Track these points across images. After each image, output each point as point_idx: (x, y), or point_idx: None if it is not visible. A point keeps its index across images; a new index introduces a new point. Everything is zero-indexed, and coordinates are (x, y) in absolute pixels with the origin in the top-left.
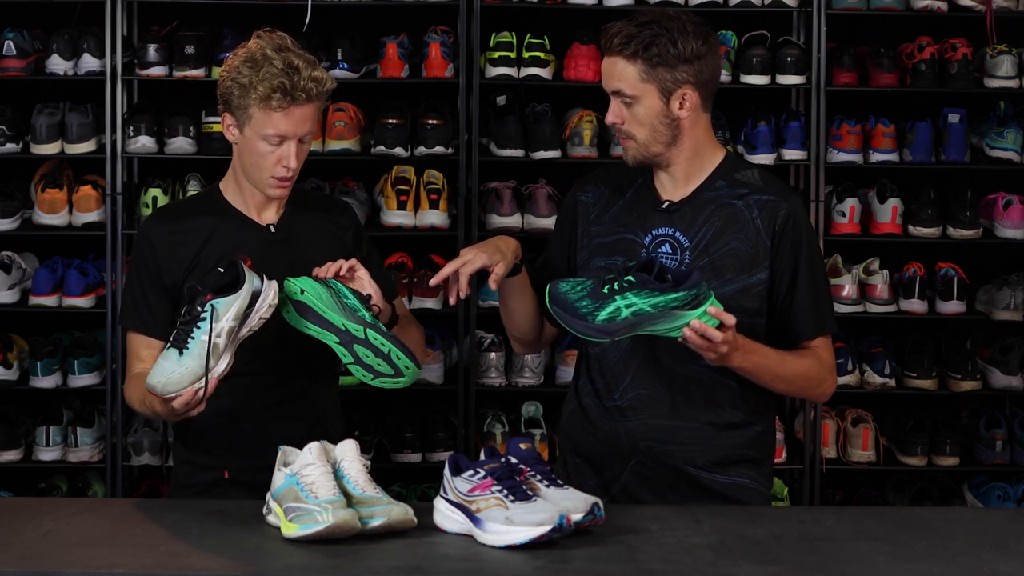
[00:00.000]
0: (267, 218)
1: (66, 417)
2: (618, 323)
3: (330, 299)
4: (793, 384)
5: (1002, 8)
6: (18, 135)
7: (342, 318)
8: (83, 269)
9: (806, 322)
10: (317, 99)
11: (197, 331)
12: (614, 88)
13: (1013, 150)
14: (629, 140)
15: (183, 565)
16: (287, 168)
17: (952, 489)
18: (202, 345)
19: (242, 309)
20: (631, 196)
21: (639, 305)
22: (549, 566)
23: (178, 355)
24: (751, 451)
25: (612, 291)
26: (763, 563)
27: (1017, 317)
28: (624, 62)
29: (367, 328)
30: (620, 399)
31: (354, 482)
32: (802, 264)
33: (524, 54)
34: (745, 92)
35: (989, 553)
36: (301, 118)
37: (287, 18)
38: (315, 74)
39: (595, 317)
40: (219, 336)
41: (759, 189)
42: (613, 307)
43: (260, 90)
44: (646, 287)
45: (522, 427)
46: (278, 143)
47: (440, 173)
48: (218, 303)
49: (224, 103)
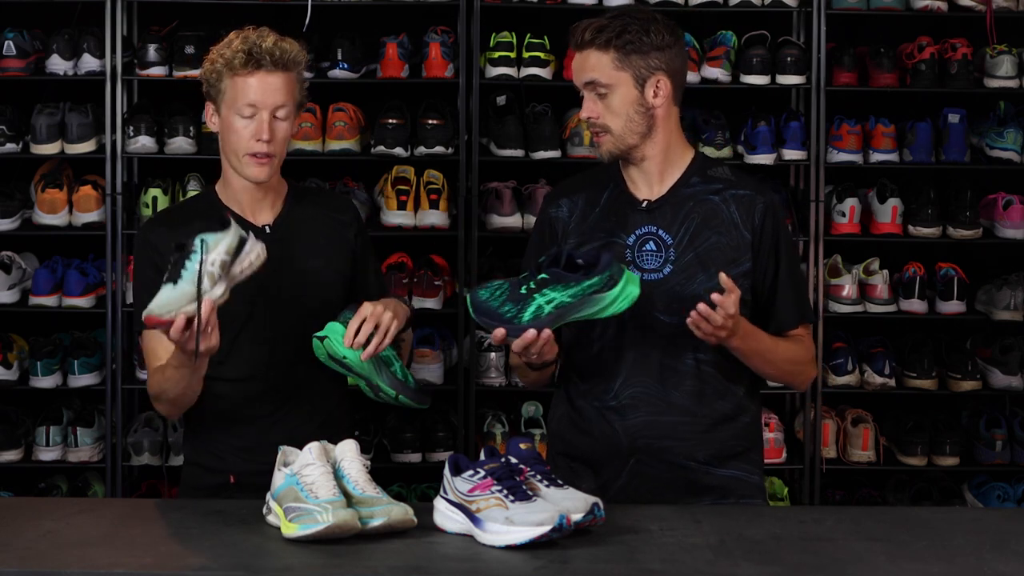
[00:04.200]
0: (263, 218)
1: (66, 417)
2: (543, 319)
3: (371, 367)
4: (781, 369)
5: (1002, 8)
6: (18, 135)
7: (379, 380)
8: (83, 269)
9: (790, 311)
10: (285, 69)
11: (189, 263)
12: (588, 79)
13: (1013, 150)
14: (605, 134)
15: (183, 565)
16: (262, 142)
17: (952, 489)
18: (194, 272)
19: (232, 246)
20: (607, 201)
21: (559, 298)
22: (549, 566)
23: (172, 285)
24: (743, 442)
25: (530, 290)
26: (763, 563)
27: (1017, 317)
28: (597, 52)
29: (399, 395)
30: (615, 398)
31: (354, 482)
32: (782, 255)
33: (524, 54)
34: (745, 92)
35: (989, 553)
36: (270, 87)
37: (287, 18)
38: (283, 44)
39: (520, 319)
40: (212, 265)
41: (733, 184)
42: (535, 306)
43: (227, 56)
44: (560, 281)
45: (522, 427)
46: (251, 115)
47: (440, 173)
48: (208, 237)
49: (206, 94)
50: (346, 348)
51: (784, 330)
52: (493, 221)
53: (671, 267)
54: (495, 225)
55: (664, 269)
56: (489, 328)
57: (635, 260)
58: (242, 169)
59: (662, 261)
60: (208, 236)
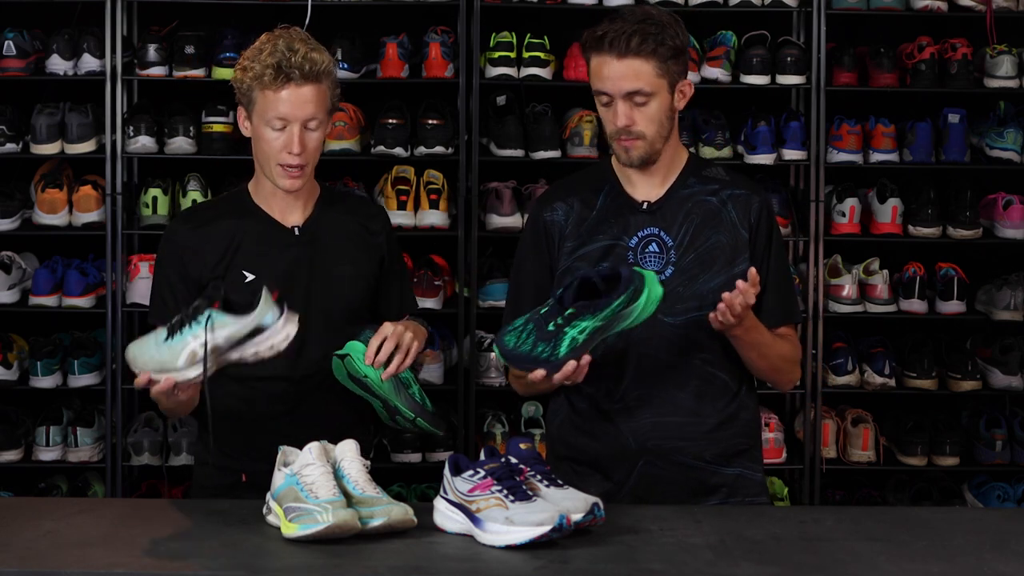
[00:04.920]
0: (292, 220)
1: (66, 417)
2: (579, 348)
3: (391, 387)
4: (773, 364)
5: (1002, 8)
6: (18, 135)
7: (398, 401)
8: (83, 269)
9: (778, 310)
10: (315, 80)
11: (188, 330)
12: (632, 89)
13: (1013, 150)
14: (637, 140)
15: (183, 565)
16: (292, 155)
17: (952, 489)
18: (184, 345)
19: (236, 337)
20: (603, 203)
21: (590, 326)
22: (549, 566)
23: (162, 340)
24: (746, 440)
25: (559, 327)
26: (763, 563)
27: (1017, 317)
28: (640, 61)
29: (418, 417)
30: (621, 401)
31: (354, 482)
32: (773, 254)
33: (524, 54)
34: (745, 92)
35: (989, 553)
36: (300, 99)
37: (287, 18)
38: (312, 55)
39: (556, 355)
40: (203, 347)
41: (728, 184)
42: (568, 339)
43: (257, 69)
44: (588, 311)
45: (522, 427)
46: (281, 127)
47: (440, 173)
48: (217, 317)
49: (238, 95)
50: (367, 367)
51: (772, 328)
52: (493, 221)
53: (672, 268)
54: (495, 225)
55: (666, 271)
56: (527, 371)
57: (638, 262)
58: (274, 179)
59: (664, 263)
60: (219, 316)
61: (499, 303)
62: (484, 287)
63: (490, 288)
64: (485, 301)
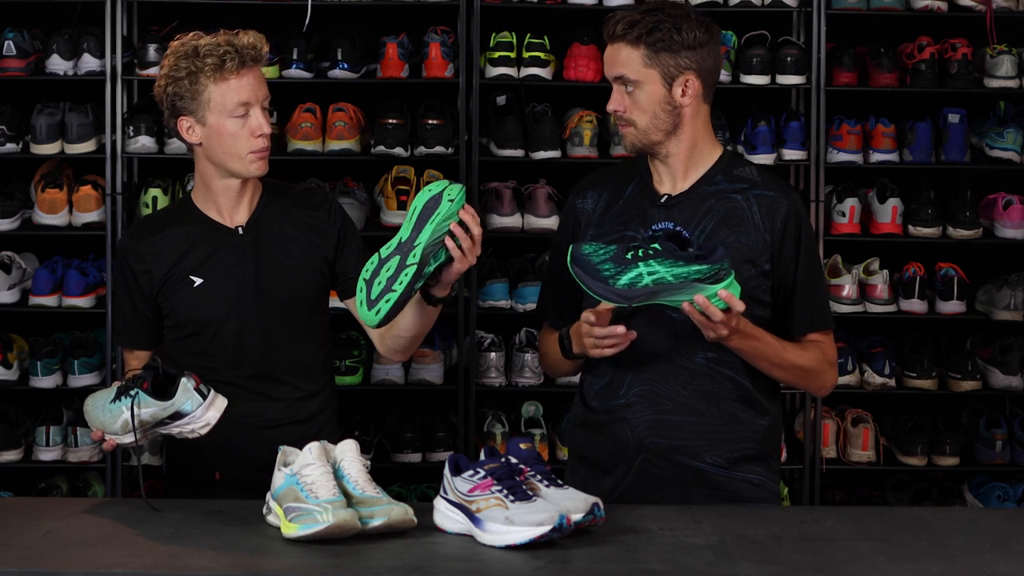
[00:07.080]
0: (237, 220)
1: (66, 417)
2: (638, 289)
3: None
4: (790, 373)
5: (1002, 8)
6: (18, 135)
7: (424, 237)
8: (83, 269)
9: (809, 317)
10: (260, 62)
11: (125, 399)
12: (617, 74)
13: (1013, 150)
14: (628, 127)
15: (183, 565)
16: (263, 136)
17: (952, 489)
18: (120, 413)
19: (159, 417)
20: (631, 194)
21: (661, 273)
22: (549, 566)
23: (109, 401)
24: (759, 446)
25: (636, 257)
26: (763, 563)
27: (1017, 317)
28: (628, 48)
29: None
30: (623, 396)
31: (354, 482)
32: (803, 260)
33: (524, 54)
34: (745, 92)
35: (989, 553)
36: (257, 81)
37: (287, 18)
38: (248, 39)
39: (616, 281)
40: (133, 419)
41: (758, 185)
42: (635, 272)
43: (210, 62)
44: (670, 256)
45: (522, 427)
46: (243, 113)
47: (440, 173)
48: (142, 397)
49: (173, 110)
50: (463, 214)
51: (803, 334)
52: (493, 221)
53: None
54: (495, 225)
55: None
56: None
57: None
58: (246, 169)
59: None
60: (144, 397)
61: (499, 303)
62: (484, 287)
63: (490, 288)
64: (485, 301)
